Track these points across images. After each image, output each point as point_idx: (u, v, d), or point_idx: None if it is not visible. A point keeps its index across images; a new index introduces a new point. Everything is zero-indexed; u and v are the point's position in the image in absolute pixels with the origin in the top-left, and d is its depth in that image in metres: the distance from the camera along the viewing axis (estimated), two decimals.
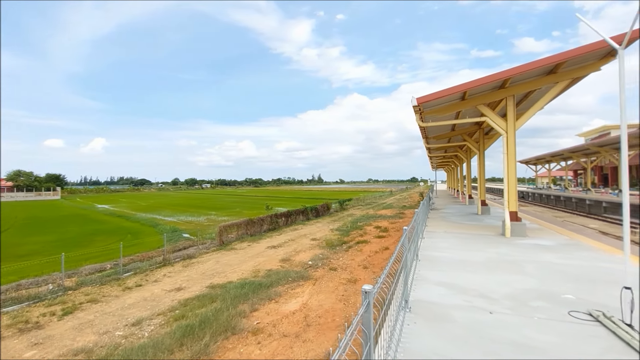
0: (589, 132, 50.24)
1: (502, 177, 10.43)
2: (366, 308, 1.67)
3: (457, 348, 3.19)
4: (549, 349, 3.20)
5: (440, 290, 4.89)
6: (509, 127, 9.98)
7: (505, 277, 5.54)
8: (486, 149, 18.06)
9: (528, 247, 8.03)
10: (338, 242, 18.02)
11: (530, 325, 3.73)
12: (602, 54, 8.74)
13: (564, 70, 9.46)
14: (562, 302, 4.46)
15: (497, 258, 6.93)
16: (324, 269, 12.89)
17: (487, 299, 4.54)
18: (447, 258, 6.97)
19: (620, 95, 4.17)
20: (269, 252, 16.73)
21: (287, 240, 20.03)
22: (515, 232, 9.51)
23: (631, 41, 7.73)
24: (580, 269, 6.10)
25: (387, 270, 2.41)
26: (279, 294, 10.05)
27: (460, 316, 3.95)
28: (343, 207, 40.62)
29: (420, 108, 10.70)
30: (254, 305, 8.96)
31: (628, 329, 3.54)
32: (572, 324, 3.81)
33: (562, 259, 6.88)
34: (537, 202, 40.56)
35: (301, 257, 14.92)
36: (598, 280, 5.33)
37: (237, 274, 12.52)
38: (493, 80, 9.43)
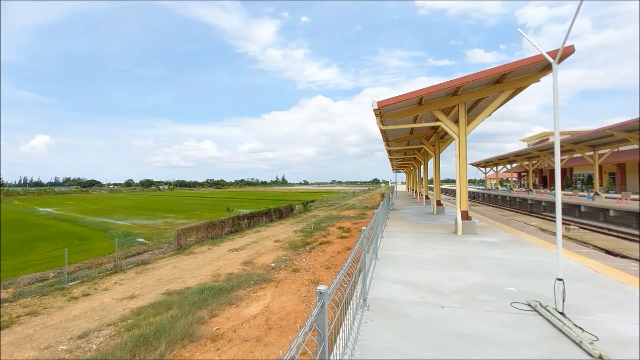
0: (530, 138, 54.97)
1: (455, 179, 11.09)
2: (320, 308, 1.71)
3: (411, 342, 3.34)
4: (492, 338, 3.47)
5: (397, 288, 5.09)
6: (460, 131, 10.62)
7: (456, 273, 5.91)
8: (441, 152, 19.08)
9: (477, 244, 8.62)
10: (301, 243, 18.02)
11: (477, 317, 4.01)
12: (541, 67, 9.62)
13: (508, 80, 10.26)
14: (505, 294, 4.85)
15: (449, 255, 7.35)
16: (287, 270, 12.83)
17: (439, 294, 4.81)
18: (404, 256, 7.26)
19: (554, 104, 4.62)
20: (231, 255, 16.31)
21: (250, 242, 19.66)
22: (466, 230, 10.16)
23: (564, 57, 8.60)
24: (522, 263, 6.67)
25: (343, 270, 2.47)
26: (240, 298, 9.84)
27: (415, 312, 4.15)
28: (307, 208, 40.68)
29: (381, 111, 11.06)
30: (213, 311, 8.69)
31: (560, 317, 3.92)
32: (514, 314, 4.15)
33: (506, 254, 7.48)
34: (486, 202, 43.57)
35: (264, 260, 14.73)
36: (536, 274, 5.86)
37: (196, 279, 12.06)
38: (446, 88, 10.00)
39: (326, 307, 1.75)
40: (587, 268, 6.26)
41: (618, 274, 5.86)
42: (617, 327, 3.76)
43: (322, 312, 1.71)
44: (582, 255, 7.33)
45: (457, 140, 10.69)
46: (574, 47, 8.65)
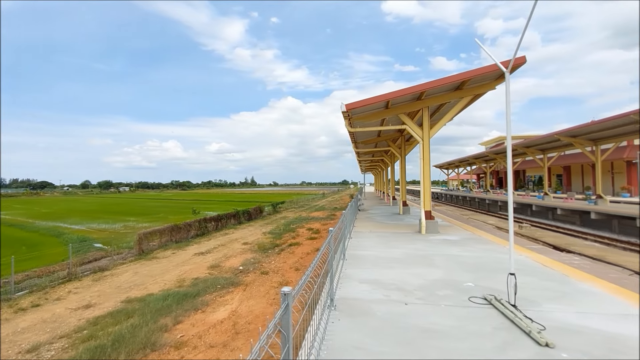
0: (488, 142, 58.33)
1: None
2: (284, 310, 1.72)
3: (376, 340, 3.45)
4: (452, 331, 3.66)
5: (363, 287, 5.21)
6: (424, 134, 11.07)
7: (419, 270, 6.16)
8: (407, 154, 19.73)
9: (439, 242, 9.03)
10: (270, 245, 17.86)
11: (437, 312, 4.21)
12: (496, 76, 10.26)
13: (468, 87, 10.84)
14: (464, 289, 5.12)
15: (413, 253, 7.64)
16: (256, 273, 12.67)
17: (403, 292, 4.99)
18: (371, 256, 7.44)
19: (506, 111, 4.96)
20: (197, 259, 15.81)
21: (217, 245, 19.17)
22: (429, 229, 10.60)
23: (516, 67, 9.25)
24: (479, 259, 7.08)
25: (309, 272, 2.50)
26: (206, 303, 9.58)
27: (380, 309, 4.27)
28: (276, 209, 40.36)
29: (349, 114, 11.24)
30: (177, 318, 8.39)
31: (513, 309, 4.22)
32: (471, 308, 4.40)
33: (465, 251, 7.90)
34: (448, 202, 45.64)
35: (231, 263, 14.43)
36: (492, 269, 6.25)
37: (159, 285, 11.56)
38: (411, 92, 10.38)
39: (290, 308, 1.77)
40: (537, 262, 6.77)
41: (563, 268, 6.39)
42: (562, 316, 4.11)
43: (286, 314, 1.73)
44: (532, 251, 7.91)
45: (421, 143, 11.12)
46: (526, 58, 9.33)
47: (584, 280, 5.56)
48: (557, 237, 16.73)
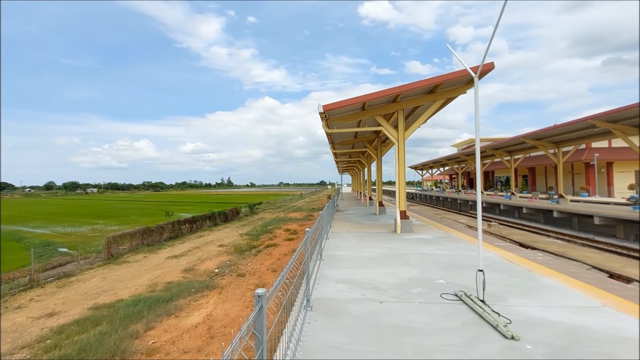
0: (459, 144, 60.46)
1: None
2: (258, 312, 1.71)
3: (351, 338, 3.49)
4: (424, 327, 3.77)
5: (339, 287, 5.26)
6: (399, 136, 11.32)
7: (394, 269, 6.29)
8: (383, 155, 20.10)
9: (413, 242, 9.27)
10: (247, 247, 17.62)
11: (411, 310, 4.32)
12: (467, 80, 10.67)
13: (440, 91, 11.19)
14: (436, 286, 5.29)
15: (388, 253, 7.79)
16: (232, 275, 12.46)
17: (378, 290, 5.08)
18: (347, 256, 7.52)
19: (475, 114, 5.17)
20: (170, 262, 15.34)
21: (192, 248, 18.69)
22: (404, 228, 10.85)
23: (484, 72, 9.65)
24: (451, 257, 7.33)
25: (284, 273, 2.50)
26: (180, 307, 9.32)
27: (356, 308, 4.33)
28: (253, 211, 39.87)
29: (326, 115, 11.30)
30: (149, 324, 8.10)
31: (481, 304, 4.39)
32: (443, 304, 4.55)
33: (437, 250, 8.15)
34: (422, 202, 46.89)
35: (207, 266, 14.11)
36: (463, 266, 6.49)
37: (129, 290, 11.12)
38: (387, 95, 10.58)
39: (265, 310, 1.76)
40: (504, 259, 7.10)
41: (528, 264, 6.74)
42: (527, 310, 4.33)
43: (260, 316, 1.72)
44: (500, 248, 8.28)
45: (396, 145, 11.36)
46: (494, 64, 9.76)
47: (546, 276, 5.89)
48: (523, 234, 17.59)
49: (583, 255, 12.41)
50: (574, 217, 18.27)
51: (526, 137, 22.30)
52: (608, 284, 5.56)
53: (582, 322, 3.94)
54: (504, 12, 4.33)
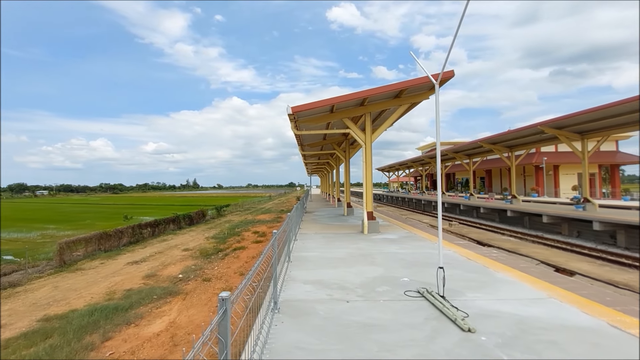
0: (424, 147, 62.92)
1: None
2: (222, 316, 1.70)
3: (318, 338, 3.54)
4: (388, 324, 3.91)
5: (307, 288, 5.30)
6: (367, 139, 11.59)
7: (361, 269, 6.44)
8: (351, 157, 20.45)
9: (379, 241, 9.53)
10: (213, 251, 17.16)
11: (376, 308, 4.46)
12: (430, 87, 11.15)
13: (405, 95, 11.60)
14: (400, 284, 5.49)
15: (355, 253, 7.95)
16: (197, 280, 12.08)
17: (345, 290, 5.18)
18: (315, 257, 7.58)
19: (436, 119, 5.43)
20: (130, 268, 14.57)
21: (154, 253, 17.87)
22: (371, 229, 11.12)
23: (445, 79, 10.16)
24: (415, 256, 7.63)
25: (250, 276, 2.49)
26: (141, 315, 8.89)
27: (323, 309, 4.39)
28: (221, 213, 38.89)
29: (295, 117, 11.32)
30: (106, 334, 7.66)
31: (441, 300, 4.62)
32: (406, 301, 4.73)
33: (402, 249, 8.45)
34: (389, 203, 48.23)
35: (170, 271, 13.56)
36: (426, 264, 6.77)
37: (84, 300, 10.43)
38: (355, 98, 10.80)
39: (229, 314, 1.75)
40: (462, 257, 7.51)
41: (484, 260, 7.17)
42: (482, 303, 4.62)
43: (224, 320, 1.71)
44: (459, 246, 8.75)
45: (363, 147, 11.62)
46: (454, 72, 10.29)
47: (500, 271, 6.31)
48: (480, 233, 18.66)
49: (533, 251, 13.41)
50: (525, 216, 19.68)
51: (483, 142, 23.71)
52: (554, 277, 6.06)
53: (531, 312, 4.27)
54: (462, 24, 4.61)
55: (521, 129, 19.24)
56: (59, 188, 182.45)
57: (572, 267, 10.82)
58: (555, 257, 12.50)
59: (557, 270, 10.37)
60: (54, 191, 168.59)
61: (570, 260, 11.90)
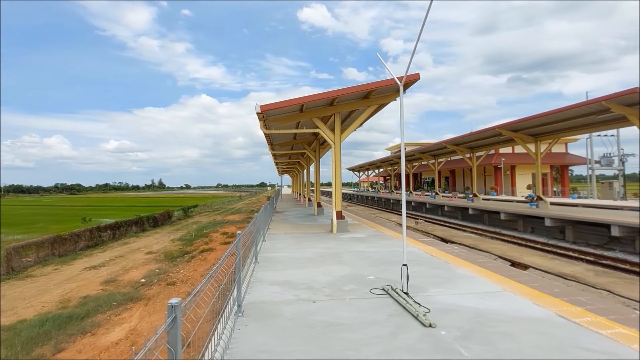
0: (392, 147, 64.56)
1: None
2: (171, 324, 1.62)
3: (283, 340, 3.50)
4: (353, 323, 3.95)
5: (274, 289, 5.23)
6: (336, 139, 11.68)
7: (329, 268, 6.48)
8: (322, 157, 20.52)
9: (348, 240, 9.64)
10: (179, 253, 16.55)
11: (342, 307, 4.49)
12: (397, 89, 11.43)
13: (374, 96, 11.81)
14: (367, 282, 5.58)
15: (324, 252, 7.99)
16: (161, 285, 11.59)
17: (312, 290, 5.18)
18: (284, 257, 7.52)
19: (400, 119, 5.58)
20: (87, 274, 13.71)
21: (114, 257, 16.93)
22: (340, 228, 11.23)
23: (410, 82, 10.47)
24: (381, 254, 7.79)
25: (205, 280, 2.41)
26: (98, 324, 8.38)
27: (289, 310, 4.36)
28: (188, 214, 37.61)
29: (264, 116, 11.17)
30: (58, 345, 7.16)
31: (405, 297, 4.75)
32: (371, 299, 4.81)
33: (370, 247, 8.60)
34: (359, 203, 49.00)
35: (132, 276, 12.90)
36: (391, 262, 6.94)
37: (34, 309, 9.67)
38: (324, 98, 10.85)
39: (179, 321, 1.67)
40: (426, 253, 7.78)
41: (446, 256, 7.47)
42: (443, 298, 4.80)
43: (173, 328, 1.63)
44: (424, 243, 9.05)
45: (333, 147, 11.70)
46: (419, 76, 10.62)
47: (460, 266, 6.59)
48: (444, 230, 19.44)
49: (491, 247, 14.18)
50: (485, 213, 20.77)
51: (447, 143, 24.74)
52: (509, 271, 6.42)
53: (488, 306, 4.49)
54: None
55: (481, 131, 20.27)
56: (7, 188, 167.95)
57: (526, 261, 11.55)
58: (511, 252, 13.28)
59: (513, 265, 11.03)
60: (2, 192, 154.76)
61: (524, 255, 12.70)
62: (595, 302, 4.62)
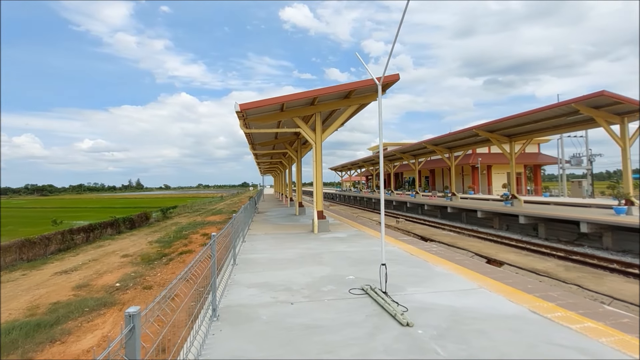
0: (374, 147, 65.22)
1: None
2: (129, 334, 1.52)
3: (259, 344, 3.42)
4: (331, 324, 3.91)
5: (251, 292, 5.13)
6: (317, 138, 11.64)
7: (308, 269, 6.42)
8: (303, 157, 20.46)
9: (329, 240, 9.62)
10: (157, 256, 16.08)
11: (321, 308, 4.45)
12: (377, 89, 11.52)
13: (354, 96, 11.84)
14: (346, 282, 5.56)
15: (304, 253, 7.93)
16: (136, 289, 11.22)
17: (290, 292, 5.11)
18: (263, 259, 7.41)
19: (379, 119, 5.60)
20: (58, 279, 13.13)
21: (88, 260, 16.28)
22: (321, 228, 11.20)
23: (390, 83, 10.56)
24: (361, 254, 7.81)
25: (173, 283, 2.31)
26: (69, 331, 8.02)
27: (266, 313, 4.27)
28: (167, 215, 36.68)
29: (244, 114, 10.99)
30: (25, 355, 6.81)
31: (384, 296, 4.76)
32: (350, 299, 4.80)
33: (350, 247, 8.61)
34: (342, 202, 49.24)
35: (106, 280, 12.43)
36: (371, 261, 6.95)
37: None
38: (305, 97, 10.78)
39: (138, 331, 1.57)
40: (406, 252, 7.85)
41: (425, 255, 7.57)
42: (421, 297, 4.84)
43: (131, 339, 1.53)
44: (403, 242, 9.14)
45: (314, 146, 11.66)
46: (399, 76, 10.72)
47: (438, 264, 6.69)
48: (424, 229, 19.79)
49: (468, 244, 14.53)
50: (463, 212, 21.30)
51: (427, 143, 25.21)
52: (485, 268, 6.57)
53: (464, 303, 4.56)
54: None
55: (459, 131, 20.77)
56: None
57: (501, 258, 11.90)
58: (487, 249, 13.66)
59: (489, 262, 11.34)
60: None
61: (500, 252, 13.09)
62: (565, 297, 4.78)
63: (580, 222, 13.12)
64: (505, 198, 19.79)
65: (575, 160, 32.81)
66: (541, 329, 3.77)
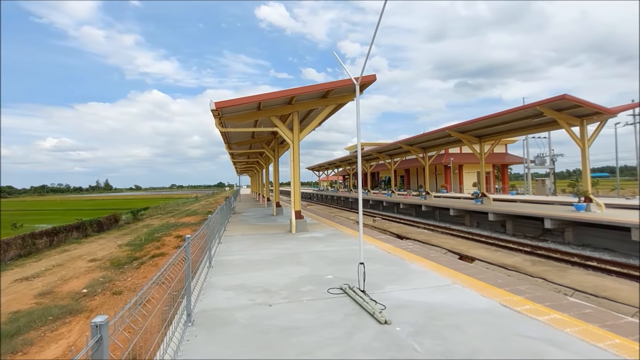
0: (351, 147, 65.83)
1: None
2: (95, 346, 1.43)
3: (235, 348, 3.34)
4: (309, 325, 3.89)
5: (228, 295, 5.02)
6: (294, 138, 11.58)
7: (286, 270, 6.37)
8: (281, 157, 20.30)
9: (306, 240, 9.60)
10: (127, 260, 15.41)
11: (299, 309, 4.42)
12: (354, 89, 11.59)
13: (332, 96, 11.87)
14: (325, 282, 5.56)
15: (282, 253, 7.86)
16: (105, 295, 10.69)
17: (269, 293, 5.04)
18: (240, 260, 7.28)
19: (357, 119, 5.64)
20: (18, 287, 12.29)
21: (52, 266, 15.36)
22: (299, 228, 11.16)
23: (367, 83, 10.70)
24: (340, 253, 7.85)
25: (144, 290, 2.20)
26: (31, 341, 7.53)
27: (243, 316, 4.19)
28: (138, 217, 35.25)
29: (220, 113, 10.75)
30: None
31: (362, 294, 4.79)
32: (329, 299, 4.80)
33: (328, 247, 8.63)
34: (319, 202, 49.35)
35: (72, 286, 11.77)
36: (349, 260, 6.99)
37: None
38: (282, 96, 10.69)
39: (106, 342, 1.48)
40: (383, 251, 7.98)
41: (401, 253, 7.72)
42: (398, 294, 4.92)
43: (98, 351, 1.43)
44: (380, 241, 9.28)
45: (291, 146, 11.59)
46: (376, 77, 10.87)
47: (414, 262, 6.84)
48: (400, 227, 20.20)
49: (442, 242, 14.98)
50: (436, 210, 21.94)
51: (402, 143, 25.76)
52: (458, 265, 6.79)
53: (439, 299, 4.68)
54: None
55: (432, 132, 21.37)
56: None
57: (472, 254, 12.35)
58: (459, 245, 14.14)
59: (461, 258, 11.74)
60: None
61: (471, 248, 13.58)
62: (532, 291, 5.03)
63: (544, 219, 13.85)
64: (476, 196, 20.58)
65: (539, 160, 34.66)
66: (512, 322, 3.93)
